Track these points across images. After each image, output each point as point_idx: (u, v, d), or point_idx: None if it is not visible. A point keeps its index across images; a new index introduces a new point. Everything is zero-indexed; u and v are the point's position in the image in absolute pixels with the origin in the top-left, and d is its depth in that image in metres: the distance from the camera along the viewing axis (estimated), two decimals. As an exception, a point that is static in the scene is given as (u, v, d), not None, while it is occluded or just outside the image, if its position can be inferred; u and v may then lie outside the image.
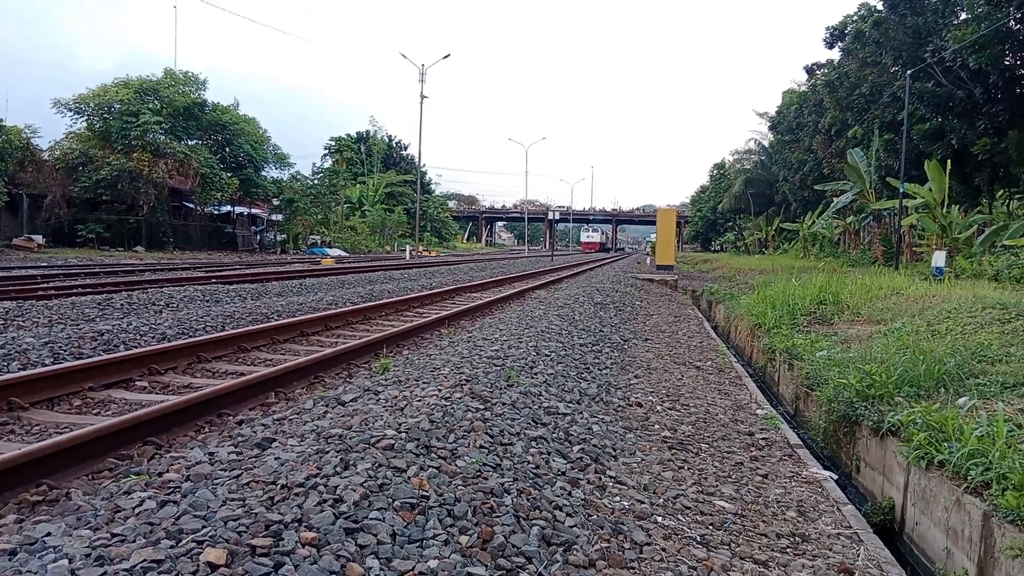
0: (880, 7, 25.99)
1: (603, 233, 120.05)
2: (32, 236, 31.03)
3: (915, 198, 21.27)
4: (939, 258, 16.11)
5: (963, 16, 23.57)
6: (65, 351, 7.08)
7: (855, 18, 28.37)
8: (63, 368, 5.93)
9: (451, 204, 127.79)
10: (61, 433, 4.82)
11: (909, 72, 21.91)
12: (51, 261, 23.61)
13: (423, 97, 47.54)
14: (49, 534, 2.85)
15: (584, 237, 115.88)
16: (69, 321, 9.18)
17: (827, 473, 5.67)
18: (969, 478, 4.48)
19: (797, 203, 42.88)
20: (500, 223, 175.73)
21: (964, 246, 19.87)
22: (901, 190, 20.95)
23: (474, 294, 16.21)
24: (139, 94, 36.94)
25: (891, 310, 10.50)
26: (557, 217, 70.23)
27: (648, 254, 69.37)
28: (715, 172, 77.32)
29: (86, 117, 36.26)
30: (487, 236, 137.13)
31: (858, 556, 4.20)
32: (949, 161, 21.41)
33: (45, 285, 13.86)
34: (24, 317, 9.16)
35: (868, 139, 27.87)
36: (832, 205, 31.42)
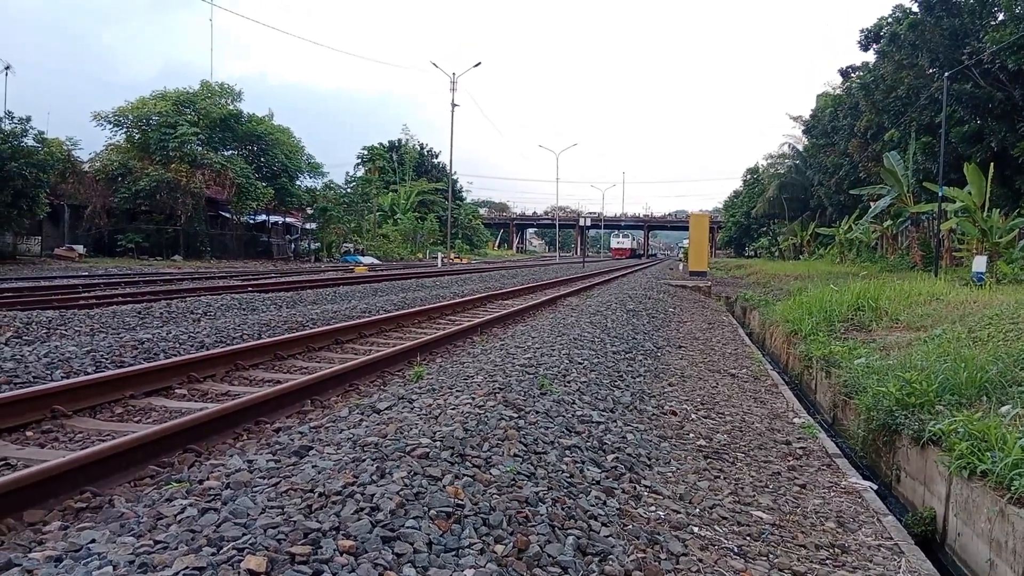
0: (915, 9, 25.58)
1: (634, 239, 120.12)
2: (73, 246, 31.78)
3: (954, 202, 20.86)
4: (979, 263, 15.75)
5: (1000, 17, 23.11)
6: (107, 359, 7.22)
7: (890, 20, 27.95)
8: (105, 376, 6.03)
9: (482, 211, 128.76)
10: (104, 440, 4.90)
11: (947, 74, 21.52)
12: (92, 271, 24.14)
13: (454, 105, 47.90)
14: (93, 541, 2.90)
15: (615, 243, 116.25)
16: (110, 330, 9.37)
17: (867, 483, 5.57)
18: (1013, 488, 4.37)
19: (833, 208, 42.31)
20: (531, 230, 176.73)
21: (1005, 250, 19.43)
22: (940, 193, 20.56)
23: (506, 301, 16.30)
24: (176, 106, 37.74)
25: (931, 316, 10.27)
26: (588, 224, 68.96)
27: (681, 260, 68.84)
28: (748, 177, 76.31)
29: (125, 129, 37.13)
30: (518, 243, 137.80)
31: (899, 568, 4.11)
32: (990, 164, 20.97)
33: (87, 294, 14.14)
34: (67, 326, 9.37)
35: (905, 142, 27.42)
36: (870, 211, 30.94)
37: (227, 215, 41.37)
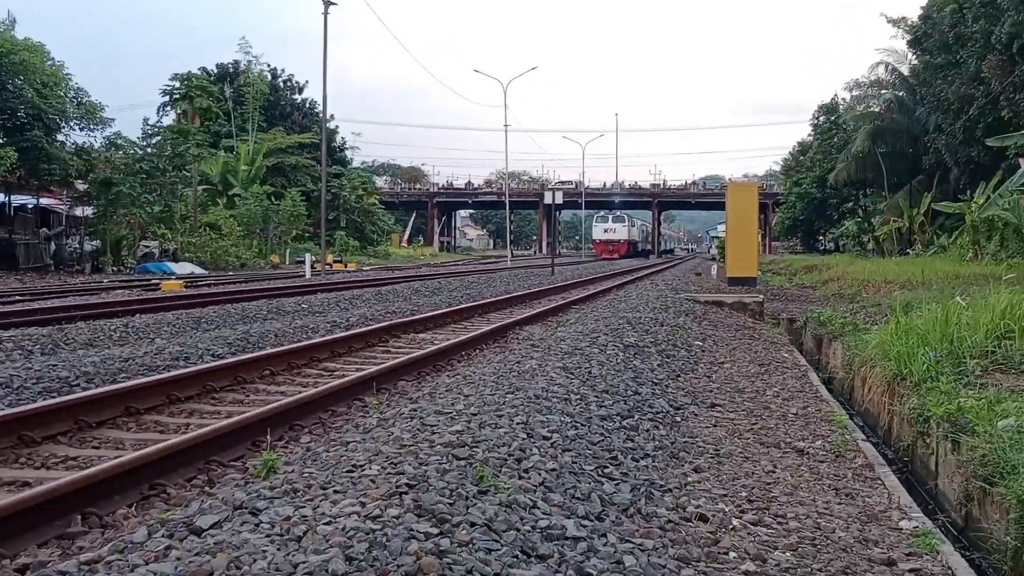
0: None
1: (634, 225, 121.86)
2: None
3: None
4: None
5: None
6: None
7: None
8: None
9: (381, 183, 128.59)
10: None
11: None
12: None
13: (328, 2, 47.68)
14: None
15: (599, 232, 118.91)
16: None
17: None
18: None
19: (960, 168, 43.04)
20: (463, 212, 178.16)
21: None
22: None
23: (421, 335, 16.52)
24: None
25: None
26: (560, 200, 50.76)
27: (714, 259, 69.11)
28: (821, 120, 76.78)
29: None
30: (442, 235, 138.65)
31: None
32: None
33: None
34: None
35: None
36: (1020, 173, 31.62)
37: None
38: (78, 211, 48.35)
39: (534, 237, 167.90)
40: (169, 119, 65.96)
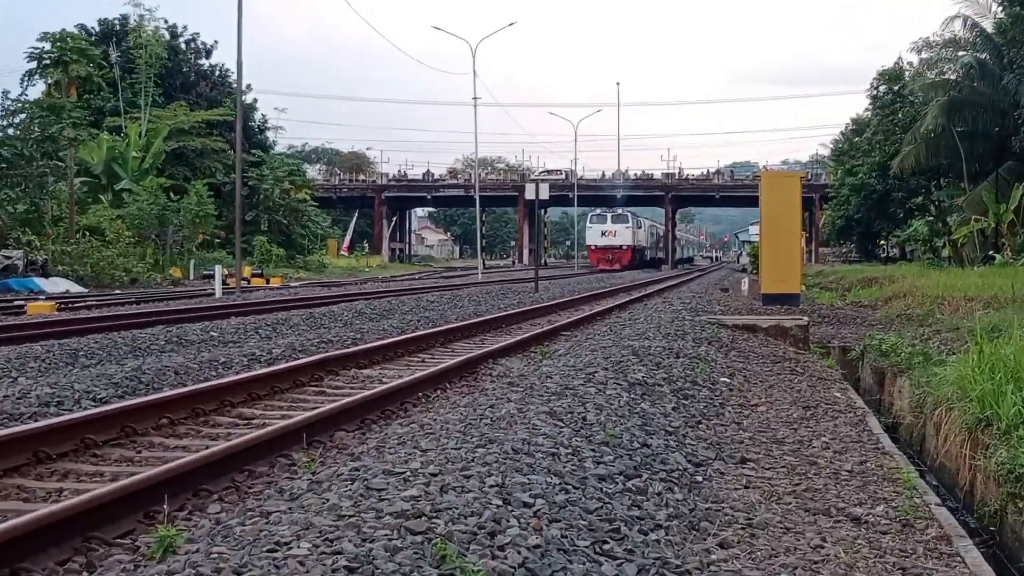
0: None
1: (640, 226, 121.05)
2: None
3: None
4: None
5: None
6: None
7: None
8: None
9: (313, 173, 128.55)
10: None
11: None
12: None
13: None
14: None
15: (595, 236, 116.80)
16: None
17: None
18: None
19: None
20: (421, 211, 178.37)
21: None
22: None
23: (366, 370, 16.49)
24: None
25: None
26: (545, 195, 45.89)
27: (744, 271, 68.49)
28: (881, 91, 76.13)
29: None
30: (394, 240, 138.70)
31: None
32: None
33: None
34: None
35: None
36: None
37: None
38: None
39: (512, 243, 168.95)
40: (37, 91, 65.41)
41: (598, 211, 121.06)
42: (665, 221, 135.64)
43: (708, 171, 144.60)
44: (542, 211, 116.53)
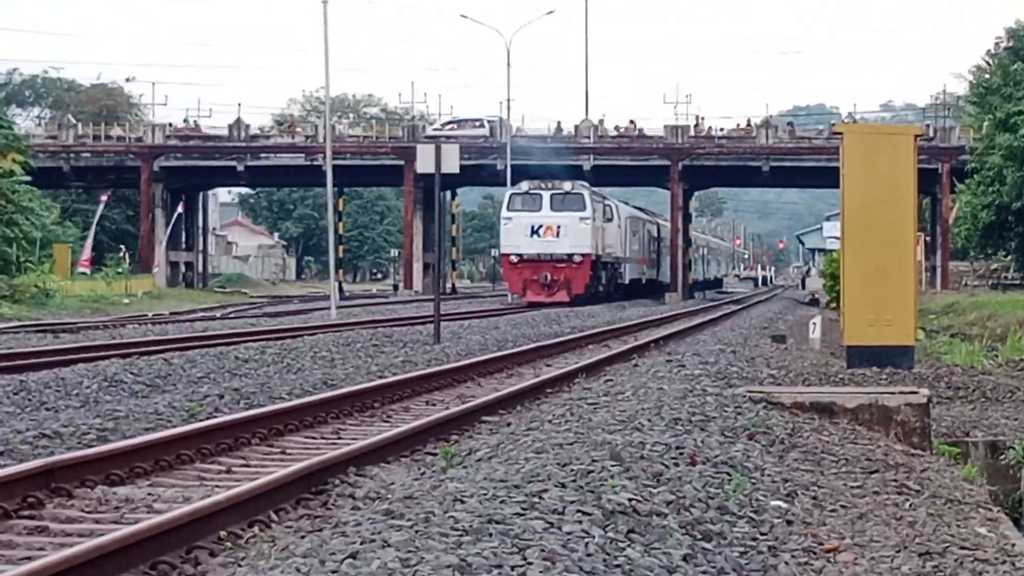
0: None
1: (609, 216, 73.37)
2: None
3: None
4: None
5: None
6: None
7: None
8: None
9: (24, 123, 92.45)
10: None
11: None
12: None
13: None
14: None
15: (518, 236, 67.18)
16: None
17: None
18: None
19: None
20: (227, 193, 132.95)
21: None
22: None
23: (126, 488, 11.89)
24: None
25: None
26: (455, 164, 32.44)
27: (813, 302, 60.87)
28: None
29: None
30: (176, 249, 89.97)
31: None
32: None
33: None
34: None
35: None
36: None
37: None
38: None
39: (395, 252, 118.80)
40: None
41: (524, 186, 70.11)
42: (672, 212, 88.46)
43: (748, 123, 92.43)
44: (446, 194, 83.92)
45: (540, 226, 66.59)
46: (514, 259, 67.26)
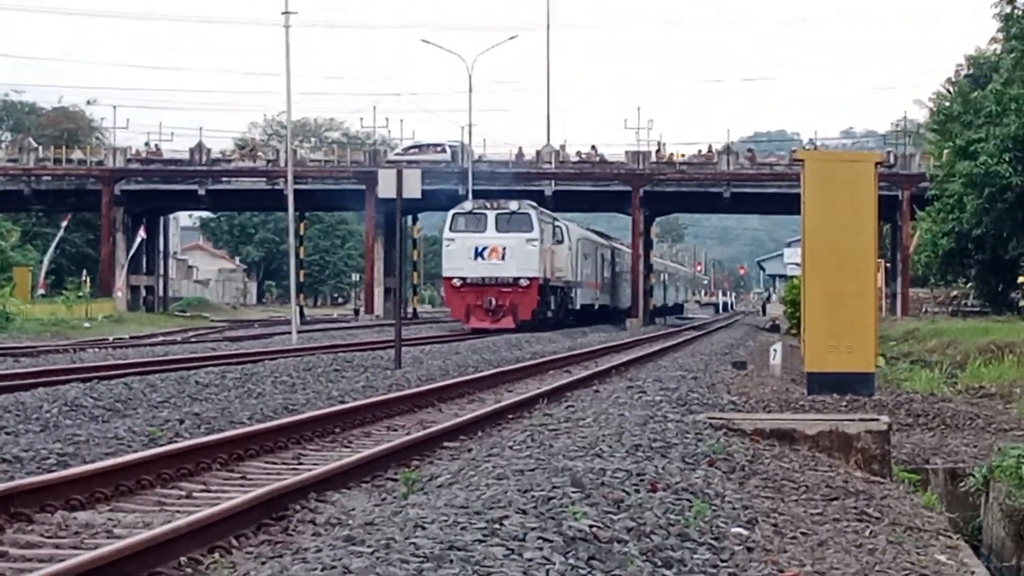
0: None
1: (560, 237, 69.86)
2: None
3: None
4: None
5: None
6: None
7: None
8: None
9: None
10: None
11: None
12: None
13: None
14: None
15: (461, 258, 63.72)
16: None
17: None
18: None
19: None
20: (188, 217, 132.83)
21: None
22: None
23: (86, 513, 11.58)
24: None
25: None
26: (416, 188, 25.19)
27: (774, 327, 60.48)
28: (1021, 5, 59.97)
29: None
30: (137, 273, 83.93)
31: None
32: None
33: None
34: None
35: None
36: None
37: None
38: None
39: (356, 276, 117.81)
40: None
41: (468, 205, 67.99)
42: (633, 238, 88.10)
43: (709, 149, 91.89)
44: (408, 219, 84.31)
45: (484, 248, 63.42)
46: (456, 283, 63.83)
